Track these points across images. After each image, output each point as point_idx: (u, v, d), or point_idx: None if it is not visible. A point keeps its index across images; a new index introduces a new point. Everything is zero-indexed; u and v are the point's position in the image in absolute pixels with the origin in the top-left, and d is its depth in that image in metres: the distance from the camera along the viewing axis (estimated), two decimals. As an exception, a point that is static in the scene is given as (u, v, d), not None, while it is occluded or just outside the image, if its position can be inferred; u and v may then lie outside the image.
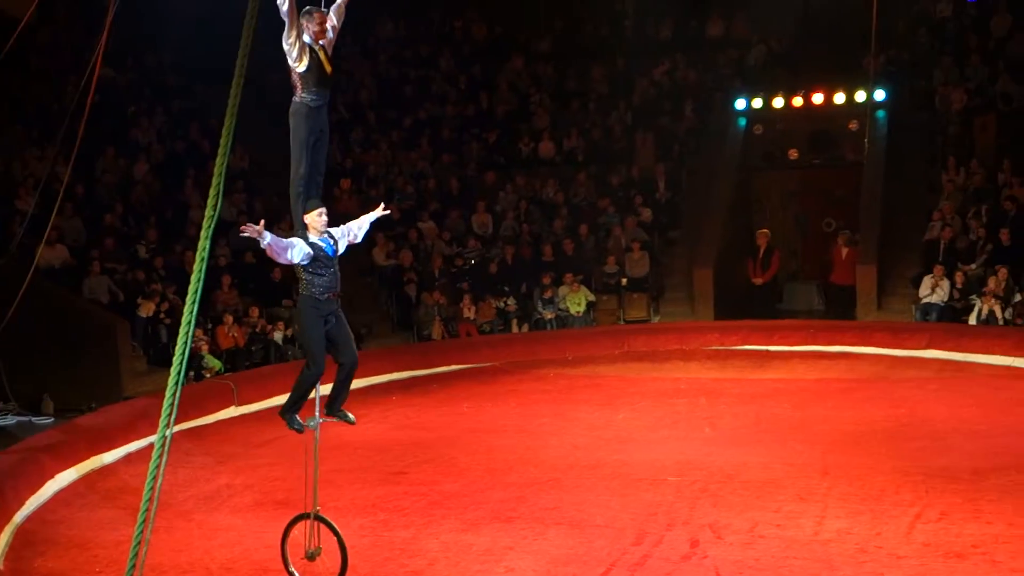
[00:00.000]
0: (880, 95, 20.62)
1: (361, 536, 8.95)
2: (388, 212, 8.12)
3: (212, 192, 5.13)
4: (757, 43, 23.22)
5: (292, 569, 7.60)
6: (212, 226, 5.17)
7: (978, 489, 9.43)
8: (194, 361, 15.24)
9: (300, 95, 7.19)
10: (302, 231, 7.17)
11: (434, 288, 19.11)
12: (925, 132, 21.25)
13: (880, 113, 20.78)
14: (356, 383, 16.27)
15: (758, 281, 19.60)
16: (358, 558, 8.41)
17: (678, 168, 22.13)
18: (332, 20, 7.32)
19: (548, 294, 19.34)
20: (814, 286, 21.01)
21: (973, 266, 17.78)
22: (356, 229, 7.63)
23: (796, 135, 21.76)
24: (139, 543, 5.22)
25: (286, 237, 7.06)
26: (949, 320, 17.35)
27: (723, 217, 20.59)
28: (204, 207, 5.76)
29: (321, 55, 7.17)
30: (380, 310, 19.79)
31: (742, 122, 21.87)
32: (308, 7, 7.21)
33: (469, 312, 18.83)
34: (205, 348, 15.65)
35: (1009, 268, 17.17)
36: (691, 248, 20.65)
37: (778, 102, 21.43)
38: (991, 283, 17.07)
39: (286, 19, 7.00)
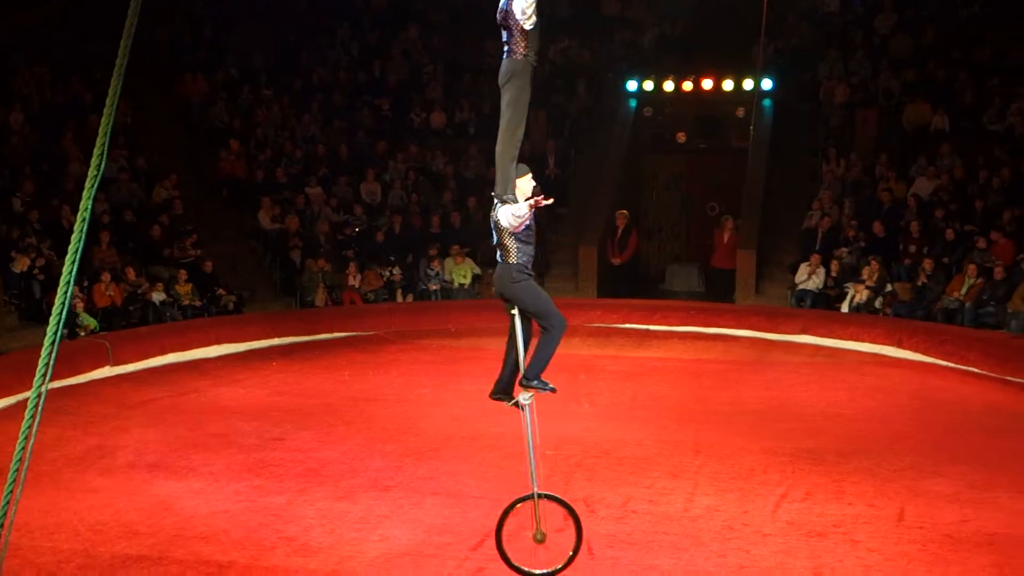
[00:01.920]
0: (767, 84, 21.00)
1: (236, 501, 8.89)
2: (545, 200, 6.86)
3: (96, 152, 4.95)
4: (652, 26, 23.45)
5: (516, 564, 6.93)
6: (95, 186, 5.01)
7: (842, 471, 9.77)
8: (69, 319, 14.85)
9: (523, 54, 6.82)
10: (512, 197, 6.67)
11: (319, 255, 18.93)
12: (808, 123, 21.74)
13: (766, 102, 21.24)
14: (236, 347, 16.17)
15: (616, 261, 19.92)
16: (231, 523, 8.37)
17: (568, 146, 22.26)
18: None
19: (434, 265, 19.32)
20: (695, 268, 21.37)
21: (846, 250, 18.28)
22: None
23: (685, 119, 22.06)
24: (9, 503, 5.09)
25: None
26: (823, 307, 17.82)
27: (611, 196, 20.76)
28: (84, 162, 5.59)
29: None
30: (263, 274, 19.55)
31: (633, 103, 22.07)
32: None
33: (354, 280, 18.70)
34: (81, 306, 15.26)
35: (881, 259, 17.71)
36: (578, 226, 20.83)
37: (668, 85, 21.63)
38: (864, 273, 17.58)
39: None
